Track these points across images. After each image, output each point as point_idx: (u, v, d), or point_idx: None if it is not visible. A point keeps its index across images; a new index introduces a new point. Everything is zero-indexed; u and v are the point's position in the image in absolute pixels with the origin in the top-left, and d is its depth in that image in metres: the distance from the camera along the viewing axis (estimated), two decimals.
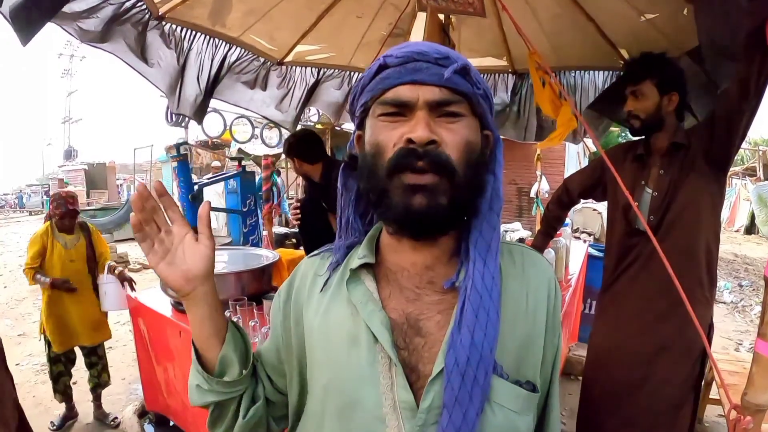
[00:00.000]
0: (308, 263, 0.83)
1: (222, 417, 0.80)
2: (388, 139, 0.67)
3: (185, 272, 0.73)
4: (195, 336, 0.77)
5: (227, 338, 0.77)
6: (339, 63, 3.15)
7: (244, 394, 0.79)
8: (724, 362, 2.88)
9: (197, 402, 0.78)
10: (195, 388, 0.78)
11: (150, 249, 0.72)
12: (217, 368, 0.77)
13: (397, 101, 0.66)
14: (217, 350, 0.77)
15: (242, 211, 4.55)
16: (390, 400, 0.65)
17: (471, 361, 0.62)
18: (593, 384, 2.07)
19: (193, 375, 0.77)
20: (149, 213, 0.71)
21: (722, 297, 6.19)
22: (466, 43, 2.82)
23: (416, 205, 0.64)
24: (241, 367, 0.78)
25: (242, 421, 0.79)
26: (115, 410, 3.24)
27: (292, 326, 0.79)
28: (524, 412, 0.69)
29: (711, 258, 1.86)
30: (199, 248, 0.74)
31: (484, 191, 0.71)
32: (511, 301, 0.71)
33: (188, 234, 0.74)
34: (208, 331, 0.76)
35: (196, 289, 0.74)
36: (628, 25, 2.32)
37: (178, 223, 0.74)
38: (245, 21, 2.49)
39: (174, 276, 0.73)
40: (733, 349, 4.50)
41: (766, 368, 1.22)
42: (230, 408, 0.79)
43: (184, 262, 0.73)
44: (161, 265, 0.72)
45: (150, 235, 0.72)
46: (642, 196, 1.90)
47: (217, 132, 7.71)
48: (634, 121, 1.90)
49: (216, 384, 0.76)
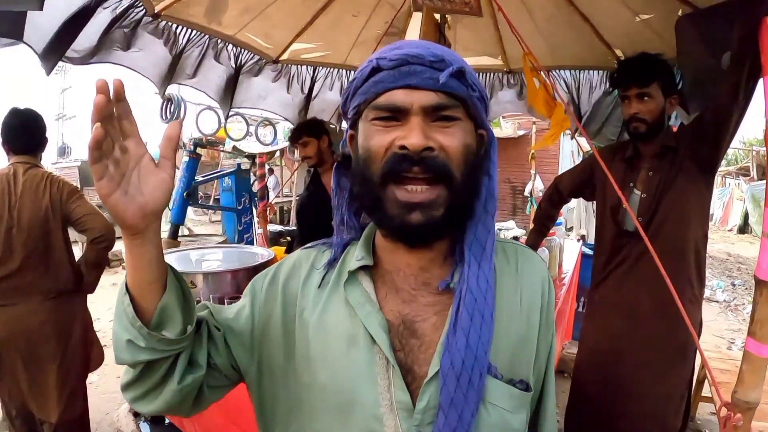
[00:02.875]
0: (303, 254, 0.82)
1: (146, 378, 0.68)
2: (381, 144, 0.66)
3: (142, 206, 0.61)
4: (133, 281, 0.65)
5: (168, 285, 0.66)
6: (334, 61, 3.15)
7: (181, 355, 0.68)
8: (716, 360, 2.90)
9: (127, 360, 0.65)
10: (125, 344, 0.64)
11: (104, 172, 0.58)
12: (154, 319, 0.65)
13: (391, 106, 0.65)
14: (156, 298, 0.65)
15: (237, 209, 4.55)
16: (387, 400, 0.66)
17: (466, 364, 0.64)
18: (583, 382, 2.09)
19: (124, 329, 0.64)
20: (108, 122, 0.58)
21: (715, 296, 6.23)
22: (462, 42, 2.82)
23: (413, 221, 0.64)
24: (186, 323, 0.67)
25: (176, 386, 0.68)
26: (110, 408, 3.22)
27: (279, 310, 0.76)
28: (517, 410, 0.70)
29: (700, 258, 1.88)
30: (158, 175, 0.62)
31: (480, 193, 0.71)
32: (506, 300, 0.72)
33: (146, 155, 0.61)
34: (152, 275, 0.65)
35: (149, 226, 0.63)
36: (623, 25, 2.33)
37: (134, 139, 0.61)
38: (241, 19, 2.48)
39: (130, 210, 0.60)
40: (726, 348, 4.53)
41: (756, 367, 1.24)
42: (160, 368, 0.67)
43: (139, 191, 0.60)
44: (116, 194, 0.59)
45: (105, 154, 0.58)
46: (630, 197, 1.90)
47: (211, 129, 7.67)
48: (639, 124, 1.84)
49: (156, 341, 0.64)
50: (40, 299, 2.17)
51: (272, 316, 0.76)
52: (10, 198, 2.13)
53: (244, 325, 0.77)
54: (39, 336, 2.15)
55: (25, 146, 2.26)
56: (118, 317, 0.66)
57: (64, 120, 21.59)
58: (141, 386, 0.68)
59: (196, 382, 0.70)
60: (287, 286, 0.77)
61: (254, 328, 0.76)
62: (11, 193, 2.14)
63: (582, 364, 2.13)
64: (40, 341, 2.15)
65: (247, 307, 0.78)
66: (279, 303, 0.76)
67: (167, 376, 0.68)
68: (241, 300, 0.81)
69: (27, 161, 2.23)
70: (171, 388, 0.68)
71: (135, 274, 0.65)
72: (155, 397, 0.69)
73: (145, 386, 0.68)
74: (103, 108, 0.56)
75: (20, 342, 2.12)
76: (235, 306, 0.80)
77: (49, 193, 2.18)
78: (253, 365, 0.76)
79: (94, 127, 0.55)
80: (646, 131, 1.84)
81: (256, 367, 0.76)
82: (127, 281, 0.65)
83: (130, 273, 0.65)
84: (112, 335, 0.66)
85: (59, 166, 14.81)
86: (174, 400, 0.69)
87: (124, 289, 0.65)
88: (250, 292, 0.80)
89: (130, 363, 0.66)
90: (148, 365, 0.66)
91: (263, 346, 0.76)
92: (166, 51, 2.38)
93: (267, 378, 0.76)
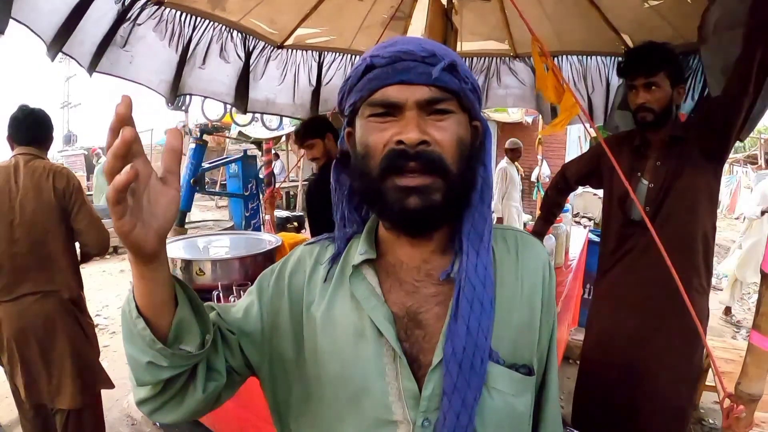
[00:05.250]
0: (306, 249, 0.83)
1: (165, 392, 0.67)
2: (378, 140, 0.67)
3: (159, 230, 0.56)
4: (146, 305, 0.61)
5: (179, 299, 0.64)
6: (339, 46, 3.12)
7: (200, 364, 0.68)
8: (721, 350, 2.90)
9: (149, 381, 0.64)
10: (146, 365, 0.62)
11: (125, 210, 0.53)
12: (171, 336, 0.63)
13: (385, 102, 0.67)
14: (170, 315, 0.63)
15: (244, 195, 4.56)
16: (395, 390, 0.69)
17: (467, 350, 0.66)
18: (590, 369, 2.10)
19: (141, 352, 0.62)
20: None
21: (721, 284, 6.21)
22: (469, 27, 2.79)
23: (411, 205, 0.66)
24: (204, 333, 0.66)
25: (201, 395, 0.68)
26: (120, 395, 3.22)
27: (286, 305, 0.78)
28: (521, 394, 0.73)
29: (708, 248, 1.87)
30: (168, 194, 0.57)
31: (476, 184, 0.72)
32: (507, 287, 0.74)
33: (153, 174, 0.56)
34: (166, 294, 0.62)
35: (163, 249, 0.60)
36: (631, 11, 2.30)
37: (141, 158, 0.54)
38: (245, 5, 2.46)
39: (150, 239, 0.56)
40: (731, 337, 4.53)
41: (760, 359, 1.25)
42: (179, 381, 0.66)
43: (153, 216, 0.56)
44: (136, 229, 0.54)
45: None
46: (638, 187, 1.90)
47: (217, 115, 7.66)
48: (646, 114, 1.82)
49: (179, 358, 0.63)
50: (45, 291, 2.17)
51: (280, 312, 0.78)
52: (11, 191, 2.12)
53: (254, 325, 0.77)
54: (49, 327, 2.16)
55: (27, 137, 2.24)
56: (131, 340, 0.63)
57: (69, 108, 21.60)
58: (159, 400, 0.67)
59: (218, 389, 0.71)
60: (292, 282, 0.79)
61: (264, 325, 0.78)
62: (12, 186, 2.12)
63: (589, 351, 2.14)
64: (50, 332, 2.16)
65: (256, 305, 0.79)
66: (286, 298, 0.78)
67: (186, 387, 0.68)
68: (247, 297, 0.82)
69: (29, 152, 2.22)
70: (195, 398, 0.68)
71: (148, 298, 0.61)
72: (176, 406, 0.68)
73: (165, 399, 0.67)
74: (130, 142, 0.50)
75: (30, 334, 2.13)
76: (241, 304, 0.81)
77: (53, 185, 2.15)
78: (265, 361, 0.78)
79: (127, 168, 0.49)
80: (654, 120, 1.83)
81: (267, 362, 0.78)
82: (138, 304, 0.61)
83: (142, 297, 0.61)
84: (128, 358, 0.64)
85: (65, 154, 14.85)
86: (198, 408, 0.70)
87: (136, 312, 0.61)
88: (257, 290, 0.81)
89: (152, 383, 0.65)
90: (167, 380, 0.65)
91: (273, 342, 0.78)
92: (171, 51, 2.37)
93: (279, 371, 0.78)
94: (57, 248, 2.20)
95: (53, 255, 2.19)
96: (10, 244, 2.12)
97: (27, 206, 2.12)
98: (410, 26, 2.93)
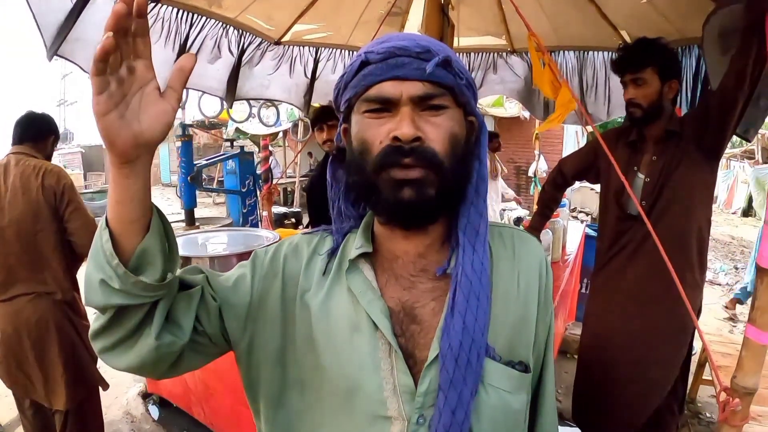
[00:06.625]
0: (304, 238, 0.82)
1: (117, 326, 0.63)
2: (374, 136, 0.68)
3: (137, 134, 0.57)
4: (115, 217, 0.60)
5: (152, 228, 0.62)
6: (336, 42, 3.12)
7: (159, 306, 0.64)
8: (717, 344, 2.92)
9: (98, 302, 0.61)
10: (98, 284, 0.60)
11: (104, 87, 0.54)
12: (132, 261, 0.60)
13: (380, 98, 0.67)
14: (137, 239, 0.61)
15: (241, 191, 4.56)
16: (390, 385, 0.68)
17: (464, 346, 0.65)
18: (589, 364, 2.11)
19: (98, 267, 0.60)
20: (122, 36, 0.54)
21: (717, 279, 6.24)
22: (466, 22, 2.79)
23: (405, 197, 0.66)
24: (166, 270, 0.63)
25: (153, 342, 0.63)
26: (119, 392, 3.22)
27: (278, 286, 0.76)
28: (517, 391, 0.72)
29: (702, 243, 1.89)
30: (161, 106, 0.58)
31: (471, 178, 0.72)
32: (503, 283, 0.74)
33: (153, 82, 0.58)
34: (135, 212, 0.60)
35: (139, 158, 0.59)
36: (628, 6, 2.30)
37: (144, 61, 0.57)
38: (242, 1, 2.45)
39: (123, 135, 0.56)
40: (728, 331, 4.55)
41: (756, 353, 1.25)
42: (133, 318, 0.63)
43: (137, 118, 0.57)
44: (112, 115, 0.55)
45: (111, 69, 0.54)
46: (634, 181, 1.91)
47: (213, 111, 7.65)
48: (634, 109, 1.87)
49: (132, 283, 0.59)
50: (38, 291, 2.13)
51: (271, 292, 0.76)
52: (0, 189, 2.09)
53: (242, 297, 0.75)
54: (42, 328, 2.13)
55: (20, 135, 2.21)
56: (93, 255, 0.61)
57: (66, 106, 21.53)
58: (111, 335, 0.64)
59: (175, 345, 0.66)
60: (287, 265, 0.78)
61: (252, 299, 0.75)
62: (1, 185, 2.08)
63: (587, 346, 2.16)
64: (43, 334, 2.14)
65: (248, 277, 0.76)
66: (279, 279, 0.76)
67: (141, 328, 0.64)
68: (239, 269, 0.79)
69: (23, 151, 2.18)
70: (147, 342, 0.63)
71: (117, 209, 0.60)
72: (127, 350, 0.64)
73: (116, 336, 0.63)
74: (122, 18, 0.52)
75: (24, 335, 2.11)
76: (231, 274, 0.78)
77: (41, 184, 2.09)
78: (245, 339, 0.75)
79: (104, 36, 0.51)
80: (642, 116, 1.86)
81: (247, 341, 0.75)
82: (108, 217, 0.61)
83: (113, 208, 0.60)
84: (85, 275, 0.62)
85: (62, 152, 14.82)
86: (149, 357, 0.64)
87: (104, 224, 0.61)
88: (251, 263, 0.79)
89: (100, 306, 0.62)
90: (119, 312, 0.62)
91: (258, 322, 0.75)
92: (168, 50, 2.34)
93: (258, 355, 0.75)
94: (48, 249, 2.14)
95: (45, 255, 2.13)
96: (1, 244, 2.08)
97: (16, 206, 2.07)
98: (407, 22, 2.92)
